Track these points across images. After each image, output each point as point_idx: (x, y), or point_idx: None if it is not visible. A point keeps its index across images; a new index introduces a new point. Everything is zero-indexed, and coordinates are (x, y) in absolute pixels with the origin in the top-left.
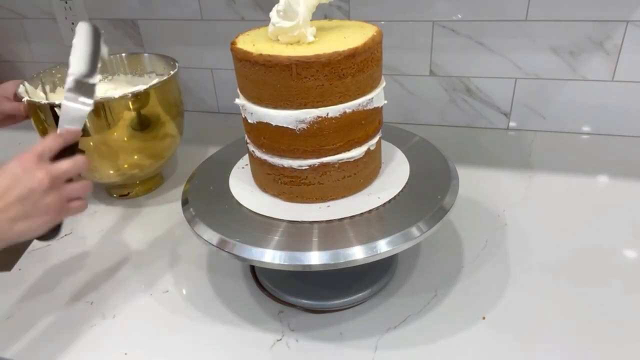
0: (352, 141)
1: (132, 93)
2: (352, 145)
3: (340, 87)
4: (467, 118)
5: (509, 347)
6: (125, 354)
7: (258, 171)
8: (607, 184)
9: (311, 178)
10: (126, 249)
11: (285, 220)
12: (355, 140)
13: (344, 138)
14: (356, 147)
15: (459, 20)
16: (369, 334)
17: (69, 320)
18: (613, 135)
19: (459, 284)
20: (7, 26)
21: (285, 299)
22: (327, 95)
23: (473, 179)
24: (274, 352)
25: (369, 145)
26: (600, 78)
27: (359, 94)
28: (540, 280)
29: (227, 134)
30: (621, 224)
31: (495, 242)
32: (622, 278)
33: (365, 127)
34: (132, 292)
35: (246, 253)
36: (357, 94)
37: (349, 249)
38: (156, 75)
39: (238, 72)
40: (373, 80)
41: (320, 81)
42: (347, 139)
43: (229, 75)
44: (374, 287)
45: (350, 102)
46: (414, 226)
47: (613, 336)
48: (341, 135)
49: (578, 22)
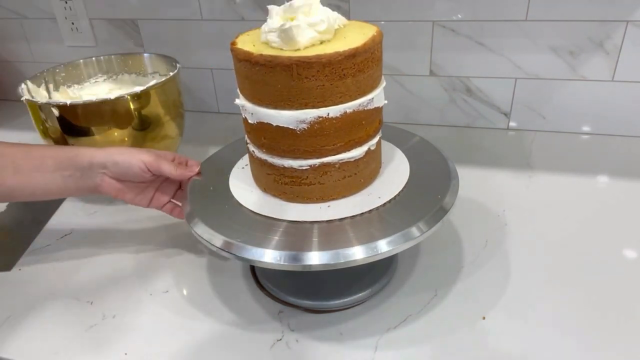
0: (352, 141)
1: (133, 93)
2: (353, 145)
3: (341, 88)
4: (467, 118)
5: (509, 347)
6: (125, 354)
7: (258, 171)
8: (607, 184)
9: (312, 178)
10: (126, 249)
11: (285, 220)
12: (356, 140)
13: (345, 138)
14: (357, 147)
15: (459, 20)
16: (369, 334)
17: (69, 320)
18: (613, 135)
19: (459, 284)
20: (7, 26)
21: (285, 299)
22: (327, 95)
23: (473, 179)
24: (274, 352)
25: (370, 145)
26: (600, 78)
27: (360, 94)
28: (540, 280)
29: (227, 134)
30: (621, 224)
31: (495, 242)
32: (622, 278)
33: (366, 127)
34: (132, 292)
35: (246, 253)
36: (358, 94)
37: (349, 249)
38: (159, 76)
39: (238, 72)
40: (373, 80)
41: (321, 81)
42: (347, 139)
43: (229, 75)
44: (374, 287)
45: (351, 102)
46: (414, 226)
47: (613, 336)
48: (342, 135)
49: (578, 22)
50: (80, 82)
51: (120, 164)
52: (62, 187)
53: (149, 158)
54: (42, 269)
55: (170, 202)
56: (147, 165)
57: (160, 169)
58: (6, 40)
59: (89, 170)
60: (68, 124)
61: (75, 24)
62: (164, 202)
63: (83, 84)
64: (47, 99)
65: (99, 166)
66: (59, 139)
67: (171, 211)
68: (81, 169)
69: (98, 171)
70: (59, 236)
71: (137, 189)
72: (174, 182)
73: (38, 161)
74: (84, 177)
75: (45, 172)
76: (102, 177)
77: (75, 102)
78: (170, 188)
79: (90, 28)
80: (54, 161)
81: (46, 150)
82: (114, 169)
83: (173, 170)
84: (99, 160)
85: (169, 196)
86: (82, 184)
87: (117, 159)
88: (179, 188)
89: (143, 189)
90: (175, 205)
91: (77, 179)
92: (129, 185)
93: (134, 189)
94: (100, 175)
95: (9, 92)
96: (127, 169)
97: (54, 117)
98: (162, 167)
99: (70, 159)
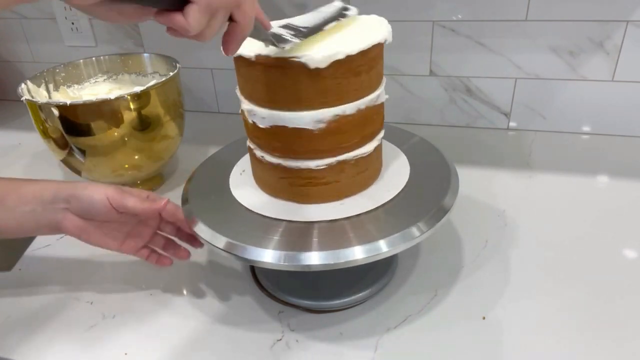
0: (365, 137)
1: (133, 93)
2: (366, 141)
3: (355, 84)
4: (467, 118)
5: (509, 347)
6: (125, 354)
7: (269, 176)
8: (607, 184)
9: (329, 177)
10: None
11: (285, 220)
12: (368, 136)
13: (360, 134)
14: (369, 142)
15: (459, 20)
16: (369, 334)
17: (69, 320)
18: (613, 135)
19: (459, 284)
20: (7, 26)
21: (285, 299)
22: (344, 93)
23: (473, 179)
24: (274, 352)
25: (378, 140)
26: (600, 78)
27: (370, 90)
28: (540, 280)
29: (227, 134)
30: (621, 224)
31: (495, 242)
32: (622, 278)
33: (375, 122)
34: (132, 292)
35: (246, 253)
36: (369, 90)
37: (349, 249)
38: (159, 76)
39: (246, 76)
40: (379, 76)
41: (338, 79)
42: (362, 135)
43: (229, 75)
44: (374, 287)
45: (364, 98)
46: (414, 226)
47: (613, 336)
48: (357, 131)
49: (578, 22)
50: (80, 82)
51: (82, 199)
52: (22, 224)
53: (113, 193)
54: (42, 269)
55: (146, 247)
56: (110, 199)
57: (124, 203)
58: (6, 40)
59: (50, 205)
60: (68, 123)
61: (75, 24)
62: (139, 245)
63: (83, 84)
64: (47, 99)
65: (62, 200)
66: (59, 139)
67: (147, 257)
68: (42, 202)
69: (60, 206)
70: (59, 236)
71: (105, 229)
72: (149, 223)
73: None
74: (45, 213)
75: (7, 209)
76: (65, 213)
77: (75, 102)
78: (145, 229)
79: (90, 28)
80: (17, 195)
81: (10, 183)
82: (76, 205)
83: (138, 203)
84: (63, 194)
85: (145, 239)
86: (42, 220)
87: (80, 193)
88: (155, 232)
89: (112, 229)
90: (152, 250)
91: (37, 214)
92: (94, 224)
93: (100, 229)
94: (62, 211)
95: (9, 92)
96: (89, 205)
97: (54, 117)
98: (126, 201)
99: (33, 193)
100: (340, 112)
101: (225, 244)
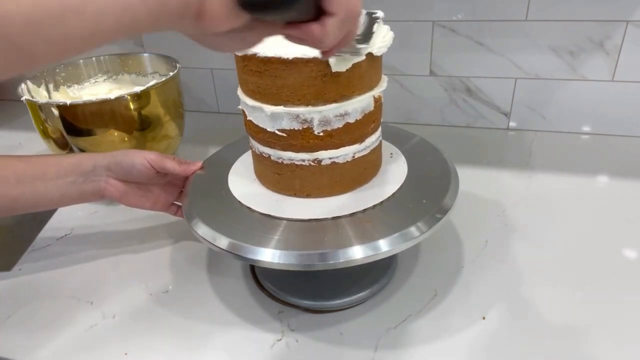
0: (375, 126)
1: (133, 93)
2: (375, 129)
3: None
4: (467, 118)
5: (509, 347)
6: (125, 354)
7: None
8: (607, 184)
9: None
10: (126, 249)
11: (285, 219)
12: (377, 124)
13: (372, 122)
14: (377, 130)
15: (459, 20)
16: (369, 334)
17: (69, 320)
18: (613, 135)
19: (459, 284)
20: None
21: (285, 299)
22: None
23: (473, 179)
24: (274, 352)
25: (377, 137)
26: (600, 78)
27: (378, 79)
28: (540, 280)
29: (227, 134)
30: (621, 224)
31: (495, 242)
32: (622, 278)
33: (380, 110)
34: (132, 292)
35: (246, 253)
36: (378, 79)
37: (349, 249)
38: (159, 76)
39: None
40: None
41: (364, 69)
42: (374, 124)
43: (229, 75)
44: (374, 287)
45: (377, 87)
46: (414, 226)
47: (613, 336)
48: (372, 120)
49: (578, 22)
50: (80, 82)
51: (123, 164)
52: (65, 194)
53: (152, 155)
54: (42, 269)
55: (174, 204)
56: (150, 162)
57: (163, 165)
58: None
59: (92, 174)
60: (68, 124)
61: None
62: (168, 203)
63: (83, 84)
64: (47, 99)
65: (102, 169)
66: (59, 139)
67: (176, 212)
68: (84, 173)
69: (102, 174)
70: (59, 236)
71: (141, 190)
72: (177, 183)
73: (40, 170)
74: (87, 182)
75: (47, 181)
76: (107, 179)
77: (75, 102)
78: (174, 189)
79: None
80: (57, 168)
81: (47, 158)
82: (117, 170)
83: (176, 165)
84: (102, 163)
85: (173, 197)
86: (85, 189)
87: (120, 159)
88: (181, 191)
89: (146, 191)
90: (179, 207)
91: (79, 184)
92: (132, 187)
93: (137, 191)
94: (104, 178)
95: (9, 92)
96: (130, 168)
97: (54, 117)
98: (166, 163)
99: (72, 165)
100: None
101: (225, 244)
